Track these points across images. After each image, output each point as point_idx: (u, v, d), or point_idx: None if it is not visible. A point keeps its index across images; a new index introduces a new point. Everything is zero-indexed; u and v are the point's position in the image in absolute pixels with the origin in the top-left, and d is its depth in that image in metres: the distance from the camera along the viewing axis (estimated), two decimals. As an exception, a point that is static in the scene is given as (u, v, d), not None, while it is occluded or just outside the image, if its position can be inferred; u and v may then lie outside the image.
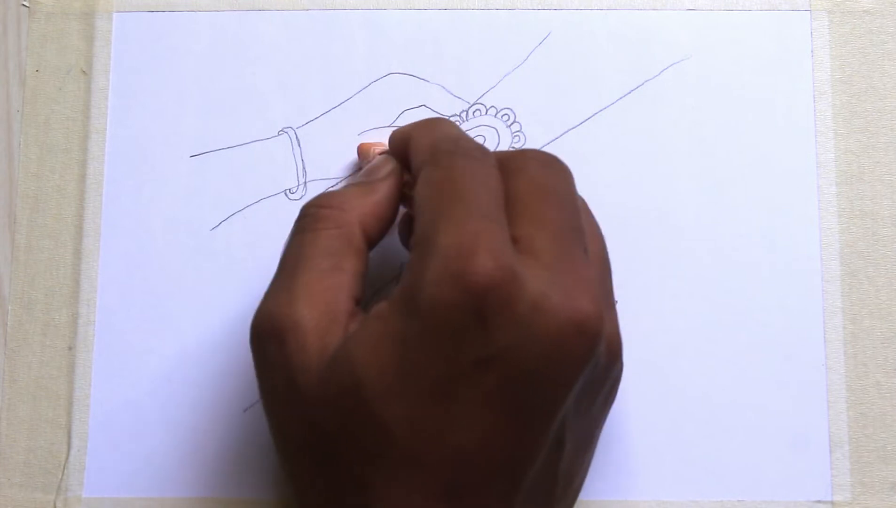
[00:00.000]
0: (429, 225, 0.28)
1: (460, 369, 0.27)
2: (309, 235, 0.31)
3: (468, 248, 0.27)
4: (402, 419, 0.27)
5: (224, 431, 0.37)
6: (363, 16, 0.40)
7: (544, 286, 0.28)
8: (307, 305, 0.30)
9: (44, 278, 0.38)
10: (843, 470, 0.37)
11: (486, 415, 0.27)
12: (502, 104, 0.39)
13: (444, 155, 0.30)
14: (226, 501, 0.37)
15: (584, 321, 0.28)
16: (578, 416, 0.30)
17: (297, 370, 0.29)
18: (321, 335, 0.29)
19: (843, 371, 0.37)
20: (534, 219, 0.29)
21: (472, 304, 0.27)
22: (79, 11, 0.40)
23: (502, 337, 0.27)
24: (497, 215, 0.29)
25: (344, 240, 0.31)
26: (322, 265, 0.30)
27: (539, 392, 0.28)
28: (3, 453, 0.37)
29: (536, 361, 0.27)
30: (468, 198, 0.29)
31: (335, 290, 0.30)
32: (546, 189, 0.30)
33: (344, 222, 0.31)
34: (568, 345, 0.27)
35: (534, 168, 0.30)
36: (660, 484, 0.37)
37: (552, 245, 0.29)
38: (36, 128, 0.39)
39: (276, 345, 0.30)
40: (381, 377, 0.27)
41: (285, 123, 0.39)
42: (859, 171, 0.39)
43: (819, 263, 0.38)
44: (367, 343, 0.28)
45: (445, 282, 0.27)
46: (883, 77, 0.39)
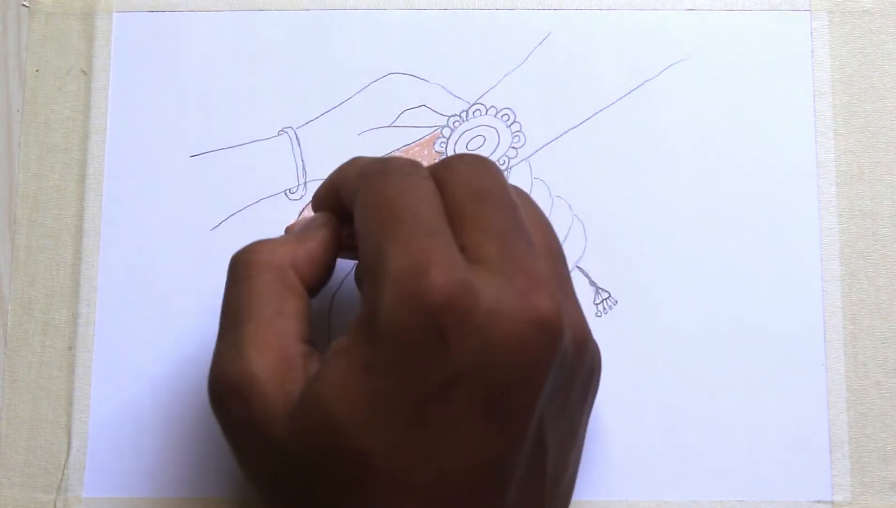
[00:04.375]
0: (375, 251, 0.28)
1: (430, 389, 0.27)
2: (243, 284, 0.31)
3: (419, 267, 0.27)
4: (380, 449, 0.27)
5: (224, 431, 0.37)
6: (363, 16, 0.40)
7: (498, 292, 0.27)
8: (259, 356, 0.29)
9: (44, 278, 0.38)
10: (843, 470, 0.37)
11: (463, 431, 0.27)
12: (502, 104, 0.39)
13: (374, 176, 0.30)
14: (226, 501, 0.37)
15: (542, 318, 0.27)
16: (557, 413, 0.29)
17: (264, 421, 0.29)
18: (280, 383, 0.29)
19: (843, 371, 0.37)
20: (475, 225, 0.29)
21: (431, 323, 0.27)
22: (79, 11, 0.40)
23: (465, 351, 0.27)
24: (441, 227, 0.28)
25: (280, 284, 0.30)
26: (265, 313, 0.30)
27: (510, 399, 0.27)
28: (3, 453, 0.37)
29: (502, 368, 0.27)
30: (409, 215, 0.28)
31: (283, 335, 0.30)
32: (480, 192, 0.29)
33: (276, 265, 0.31)
34: (530, 346, 0.27)
35: (463, 173, 0.30)
36: (660, 484, 0.37)
37: (498, 249, 0.28)
38: (36, 128, 0.39)
39: (236, 402, 0.29)
40: (353, 410, 0.27)
41: (285, 123, 0.39)
42: (859, 171, 0.39)
43: (819, 263, 0.38)
44: (333, 380, 0.28)
45: (401, 305, 0.27)
46: (883, 77, 0.39)
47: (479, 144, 0.39)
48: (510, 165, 0.39)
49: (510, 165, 0.39)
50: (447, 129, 0.39)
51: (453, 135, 0.39)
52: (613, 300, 0.38)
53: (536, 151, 0.39)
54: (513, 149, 0.39)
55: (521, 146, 0.39)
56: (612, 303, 0.38)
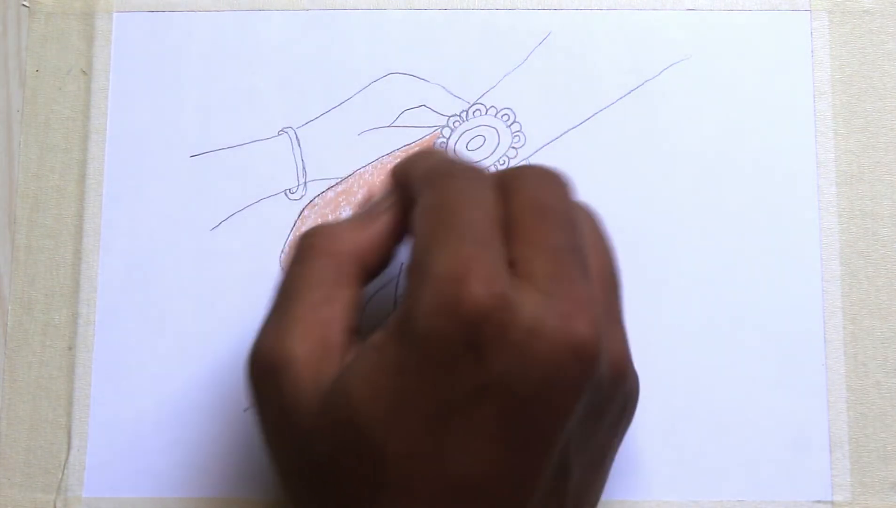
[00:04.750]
0: (423, 252, 0.28)
1: (456, 398, 0.27)
2: (301, 266, 0.31)
3: (460, 275, 0.27)
4: (398, 450, 0.27)
5: (224, 431, 0.37)
6: (363, 16, 0.40)
7: (539, 311, 0.27)
8: (300, 338, 0.29)
9: (44, 278, 0.38)
10: (843, 470, 0.37)
11: (484, 444, 0.27)
12: (502, 104, 0.39)
13: (439, 178, 0.30)
14: (226, 501, 0.37)
15: (580, 344, 0.27)
16: (585, 440, 0.29)
17: (292, 404, 0.29)
18: (315, 368, 0.29)
19: (843, 371, 0.37)
20: (530, 240, 0.29)
21: (465, 333, 0.26)
22: (79, 11, 0.40)
23: (497, 366, 0.27)
24: (491, 238, 0.28)
25: (335, 270, 0.30)
26: (314, 297, 0.30)
27: (537, 419, 0.27)
28: (3, 453, 0.37)
29: (532, 388, 0.27)
30: (461, 222, 0.28)
31: (328, 322, 0.30)
32: (542, 208, 0.29)
33: (336, 251, 0.31)
34: (564, 370, 0.27)
35: (530, 186, 0.30)
36: (660, 484, 0.37)
37: (548, 267, 0.28)
38: (36, 128, 0.39)
39: (270, 381, 0.29)
40: (377, 407, 0.27)
41: (285, 123, 0.39)
42: (859, 171, 0.39)
43: (819, 263, 0.38)
44: (362, 374, 0.28)
45: (438, 311, 0.27)
46: (883, 77, 0.39)
47: (479, 144, 0.39)
48: (510, 165, 0.39)
49: (510, 165, 0.39)
50: (447, 129, 0.39)
51: (453, 135, 0.39)
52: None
53: (536, 151, 0.39)
54: (513, 149, 0.39)
55: (521, 146, 0.39)
56: (612, 303, 0.38)
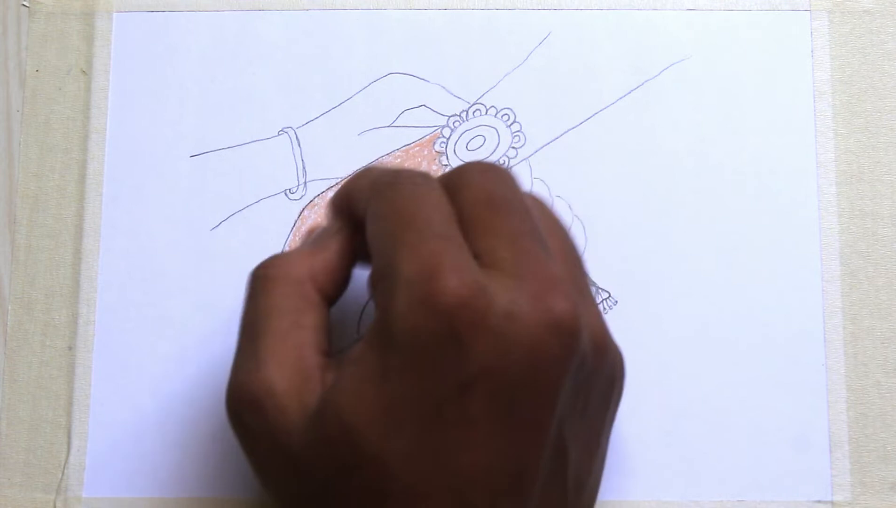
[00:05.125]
0: (387, 257, 0.28)
1: (446, 394, 0.27)
2: (261, 298, 0.31)
3: (431, 270, 0.27)
4: (399, 455, 0.27)
5: (224, 431, 0.37)
6: (363, 16, 0.40)
7: (512, 294, 0.27)
8: (276, 368, 0.29)
9: (44, 278, 0.38)
10: (843, 470, 0.37)
11: (481, 435, 0.27)
12: (502, 104, 0.39)
13: (385, 187, 0.30)
14: (226, 501, 0.37)
15: (558, 320, 0.27)
16: (577, 418, 0.29)
17: (282, 433, 0.29)
18: (297, 394, 0.29)
19: (843, 371, 0.37)
20: (487, 231, 0.29)
21: (445, 326, 0.27)
22: (79, 11, 0.40)
23: (480, 353, 0.27)
24: (452, 233, 0.28)
25: (298, 297, 0.31)
26: (282, 326, 0.30)
27: (528, 402, 0.27)
28: (3, 453, 0.37)
29: (518, 370, 0.27)
30: (420, 221, 0.28)
31: (300, 347, 0.30)
32: (492, 198, 0.30)
33: (294, 278, 0.31)
34: (546, 348, 0.27)
35: (475, 180, 0.30)
36: (660, 484, 0.37)
37: (512, 253, 0.28)
38: (36, 128, 0.39)
39: (254, 414, 0.29)
40: (370, 418, 0.27)
41: (285, 123, 0.39)
42: (859, 171, 0.39)
43: (819, 263, 0.38)
44: (349, 389, 0.28)
45: (415, 309, 0.27)
46: (883, 77, 0.39)
47: (479, 144, 0.39)
48: (510, 165, 0.39)
49: (510, 165, 0.39)
50: (447, 129, 0.39)
51: (453, 135, 0.39)
52: (613, 300, 0.38)
53: (536, 151, 0.39)
54: (513, 149, 0.39)
55: (521, 146, 0.39)
56: (612, 303, 0.38)
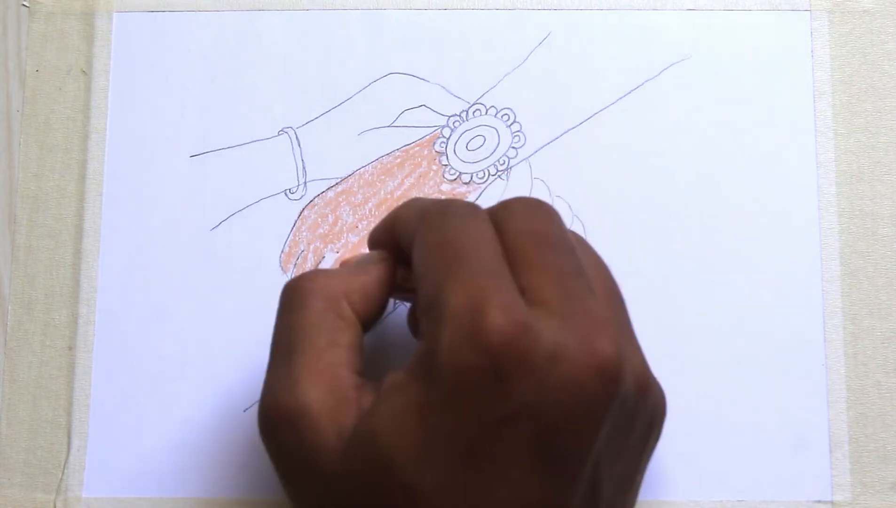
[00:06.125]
0: (435, 289, 0.28)
1: (485, 430, 0.27)
2: (298, 312, 0.31)
3: (478, 306, 0.27)
4: (434, 487, 0.27)
5: (224, 431, 0.37)
6: (363, 16, 0.40)
7: (559, 335, 0.27)
8: (312, 386, 0.29)
9: (44, 278, 0.38)
10: (843, 470, 0.37)
11: (517, 471, 0.27)
12: (502, 104, 0.39)
13: (434, 217, 0.30)
14: (226, 501, 0.37)
15: (602, 363, 0.27)
16: (614, 458, 0.29)
17: (316, 453, 0.29)
18: (332, 415, 0.29)
19: (843, 371, 0.37)
20: (534, 268, 0.29)
21: (489, 364, 0.26)
22: (79, 11, 0.40)
23: (523, 392, 0.27)
24: (500, 268, 0.28)
25: (334, 315, 0.30)
26: (318, 343, 0.30)
27: (566, 442, 0.27)
28: (3, 453, 0.37)
29: (560, 411, 0.27)
30: (469, 255, 0.28)
31: (337, 366, 0.30)
32: (539, 235, 0.29)
33: (331, 295, 0.31)
34: (589, 391, 0.27)
35: (523, 216, 0.30)
36: (660, 484, 0.37)
37: (558, 291, 0.28)
38: (36, 128, 0.39)
39: (288, 432, 0.29)
40: (408, 448, 0.27)
41: (285, 123, 0.39)
42: (859, 171, 0.39)
43: (819, 263, 0.38)
44: (389, 417, 0.28)
45: (460, 344, 0.27)
46: (883, 77, 0.39)
47: (479, 144, 0.39)
48: (510, 165, 0.39)
49: (510, 165, 0.39)
50: (447, 129, 0.39)
51: (453, 135, 0.39)
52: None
53: (536, 151, 0.39)
54: (513, 149, 0.39)
55: (521, 146, 0.39)
56: (612, 303, 0.38)
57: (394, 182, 0.39)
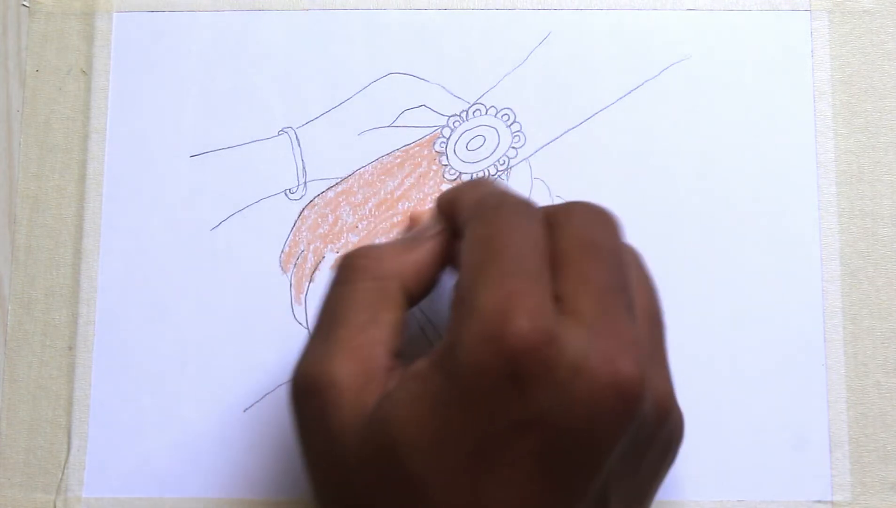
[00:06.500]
0: (469, 284, 0.28)
1: (497, 432, 0.27)
2: (346, 287, 0.31)
3: (505, 309, 0.27)
4: (438, 481, 0.27)
5: (224, 431, 0.37)
6: (363, 16, 0.40)
7: (583, 349, 0.27)
8: (344, 361, 0.29)
9: (44, 278, 0.38)
10: (843, 470, 0.37)
11: (523, 478, 0.27)
12: (502, 104, 0.39)
13: (488, 210, 0.30)
14: (226, 501, 0.37)
15: (623, 384, 0.27)
16: (627, 477, 0.29)
17: (335, 427, 0.29)
18: (358, 392, 0.29)
19: (843, 371, 0.37)
20: (577, 277, 0.28)
21: (508, 367, 0.26)
22: (79, 11, 0.40)
23: (540, 401, 0.27)
24: (539, 272, 0.28)
25: (381, 293, 0.31)
26: (359, 319, 0.30)
27: (577, 456, 0.27)
28: (3, 453, 0.37)
29: (574, 425, 0.27)
30: (509, 255, 0.28)
31: (372, 345, 0.30)
32: (591, 245, 0.29)
33: (381, 274, 0.31)
34: (606, 409, 0.27)
35: (579, 222, 0.30)
36: (660, 484, 0.37)
37: (595, 305, 0.28)
38: (36, 128, 0.39)
39: (313, 402, 0.29)
40: (418, 437, 0.27)
41: (285, 123, 0.39)
42: (859, 171, 0.39)
43: (819, 263, 0.38)
44: (404, 403, 0.28)
45: (482, 344, 0.27)
46: (883, 77, 0.39)
47: (479, 144, 0.39)
48: (510, 165, 0.39)
49: (510, 165, 0.39)
50: (447, 129, 0.39)
51: (453, 135, 0.39)
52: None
53: (536, 151, 0.39)
54: (513, 149, 0.39)
55: (521, 146, 0.39)
56: (612, 303, 0.38)
57: (394, 182, 0.39)
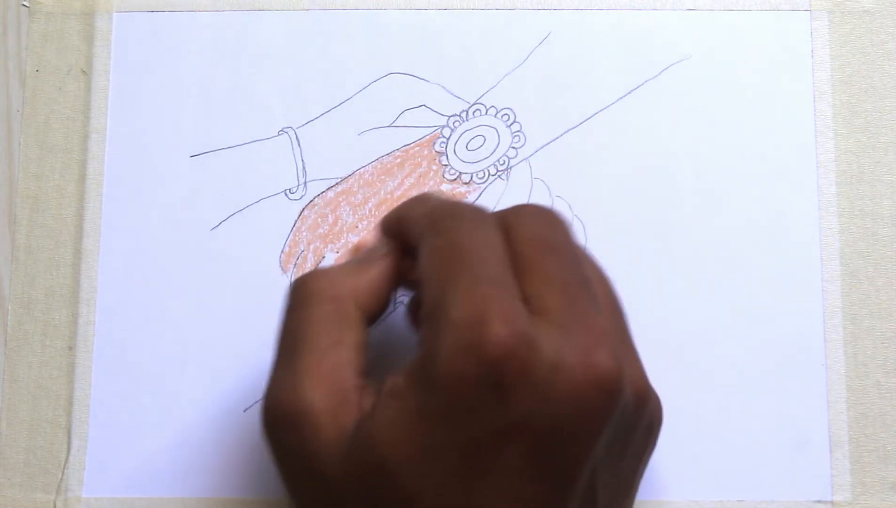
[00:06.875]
0: (438, 296, 0.28)
1: (482, 439, 0.27)
2: (304, 311, 0.31)
3: (480, 317, 0.27)
4: (427, 493, 0.27)
5: (224, 431, 0.37)
6: (363, 16, 0.40)
7: (559, 346, 0.27)
8: (314, 387, 0.29)
9: (44, 278, 0.38)
10: (843, 470, 0.37)
11: (513, 481, 0.27)
12: (502, 104, 0.39)
13: (443, 219, 0.30)
14: (226, 501, 0.37)
15: (602, 376, 0.27)
16: (611, 466, 0.29)
17: (316, 453, 0.29)
18: (334, 415, 0.29)
19: (843, 371, 0.37)
20: (540, 276, 0.29)
21: (489, 375, 0.26)
22: (79, 11, 0.40)
23: (522, 404, 0.27)
24: (505, 277, 0.28)
25: (339, 314, 0.31)
26: (322, 343, 0.30)
27: (563, 453, 0.27)
28: (3, 453, 0.37)
29: (558, 423, 0.27)
30: (474, 263, 0.28)
31: (339, 367, 0.30)
32: (547, 244, 0.30)
33: (336, 296, 0.31)
34: (588, 403, 0.27)
35: (532, 223, 0.30)
36: (660, 484, 0.37)
37: (562, 302, 0.28)
38: (36, 128, 0.39)
39: (289, 431, 0.29)
40: (405, 454, 0.27)
41: (285, 123, 0.39)
42: (859, 171, 0.39)
43: (819, 263, 0.38)
44: (386, 422, 0.28)
45: (460, 354, 0.27)
46: (883, 77, 0.39)
47: (479, 144, 0.39)
48: (510, 165, 0.39)
49: (510, 165, 0.39)
50: (447, 129, 0.39)
51: (453, 135, 0.39)
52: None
53: (536, 151, 0.39)
54: (513, 149, 0.39)
55: (521, 146, 0.39)
56: (612, 303, 0.38)
57: (394, 182, 0.39)
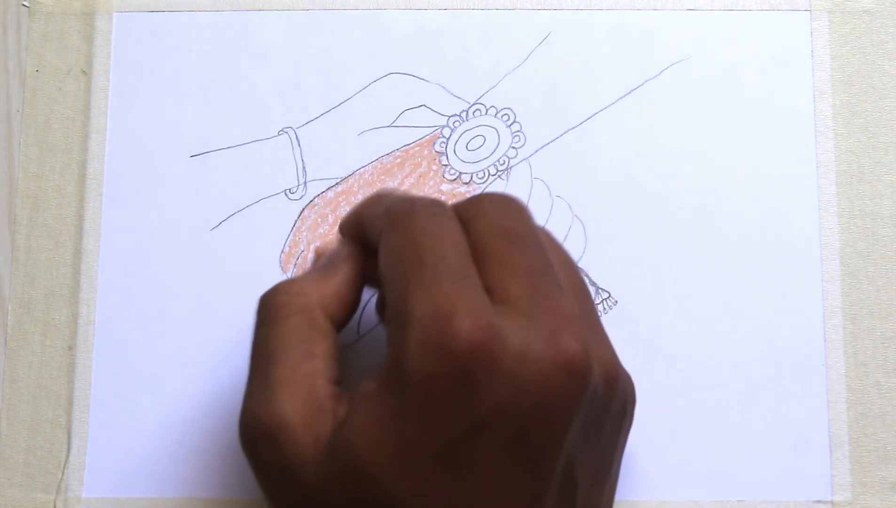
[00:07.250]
0: (401, 295, 0.28)
1: (458, 435, 0.27)
2: (273, 326, 0.31)
3: (443, 313, 0.27)
4: (408, 494, 0.27)
5: (224, 431, 0.37)
6: (363, 16, 0.40)
7: (525, 335, 0.27)
8: (289, 399, 0.29)
9: (44, 278, 0.38)
10: (843, 470, 0.37)
11: (491, 473, 0.27)
12: (502, 104, 0.39)
13: (400, 217, 0.30)
14: (226, 501, 0.37)
15: (569, 360, 0.27)
16: (588, 448, 0.29)
17: (295, 465, 0.29)
18: (310, 426, 0.29)
19: (843, 371, 0.37)
20: (502, 265, 0.29)
21: (458, 370, 0.27)
22: (79, 11, 0.40)
23: (493, 396, 0.27)
24: (466, 270, 0.28)
25: (309, 325, 0.31)
26: (294, 355, 0.30)
27: (539, 440, 0.28)
28: (3, 453, 0.37)
29: (530, 410, 0.27)
30: (434, 259, 0.28)
31: (312, 377, 0.30)
32: (507, 232, 0.29)
33: (304, 307, 0.31)
34: (558, 388, 0.27)
35: (491, 212, 0.30)
36: (660, 484, 0.37)
37: (525, 289, 0.28)
38: (36, 128, 0.39)
39: (267, 446, 0.29)
40: (382, 457, 0.27)
41: (285, 123, 0.39)
42: (859, 171, 0.39)
43: (819, 263, 0.38)
44: (361, 427, 0.28)
45: (427, 352, 0.27)
46: (883, 77, 0.39)
47: (479, 143, 0.39)
48: (510, 165, 0.39)
49: (510, 165, 0.39)
50: (447, 129, 0.39)
51: (453, 135, 0.39)
52: (613, 300, 0.38)
53: (536, 151, 0.39)
54: (513, 149, 0.39)
55: (521, 146, 0.39)
56: (612, 303, 0.38)
57: (394, 182, 0.39)
